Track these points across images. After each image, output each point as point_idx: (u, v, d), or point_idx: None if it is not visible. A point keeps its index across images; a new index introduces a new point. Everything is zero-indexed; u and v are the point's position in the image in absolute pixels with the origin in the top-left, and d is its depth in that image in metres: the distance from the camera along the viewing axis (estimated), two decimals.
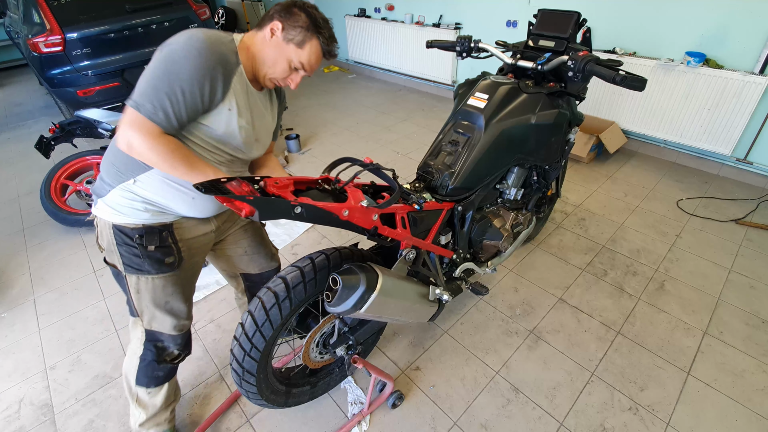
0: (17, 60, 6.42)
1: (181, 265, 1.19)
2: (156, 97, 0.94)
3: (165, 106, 0.95)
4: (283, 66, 1.09)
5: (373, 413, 1.55)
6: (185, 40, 0.96)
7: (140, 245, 1.11)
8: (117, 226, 1.11)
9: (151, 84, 0.94)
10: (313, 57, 1.10)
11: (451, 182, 1.45)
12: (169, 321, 1.25)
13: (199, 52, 0.95)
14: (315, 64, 1.12)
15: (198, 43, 0.96)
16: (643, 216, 2.60)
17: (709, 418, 1.50)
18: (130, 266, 1.14)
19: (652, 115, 3.13)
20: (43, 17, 3.33)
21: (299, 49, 1.08)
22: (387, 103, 4.60)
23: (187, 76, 0.94)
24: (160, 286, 1.18)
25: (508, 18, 3.78)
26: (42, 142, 2.71)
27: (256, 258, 1.45)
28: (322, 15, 1.11)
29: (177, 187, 1.09)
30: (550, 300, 2.02)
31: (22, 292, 2.18)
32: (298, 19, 1.06)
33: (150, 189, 1.08)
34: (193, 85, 0.95)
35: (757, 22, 2.53)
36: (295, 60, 1.09)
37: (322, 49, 1.10)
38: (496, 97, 1.51)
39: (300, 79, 1.14)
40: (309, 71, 1.12)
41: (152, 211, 1.10)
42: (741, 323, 1.86)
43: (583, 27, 1.69)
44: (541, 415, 1.53)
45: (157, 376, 1.32)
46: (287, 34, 1.07)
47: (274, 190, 1.00)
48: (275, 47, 1.08)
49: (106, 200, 1.10)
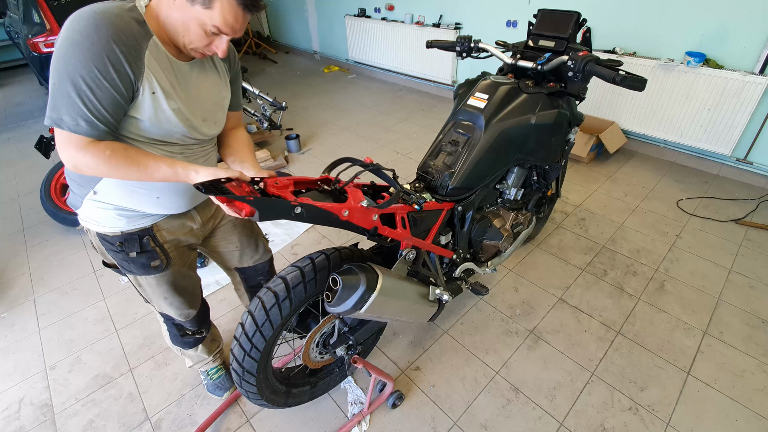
0: (17, 60, 6.42)
1: (170, 265, 1.19)
2: (68, 104, 0.82)
3: (82, 112, 0.83)
4: (197, 32, 0.89)
5: (373, 413, 1.55)
6: (67, 26, 0.81)
7: (122, 251, 1.09)
8: (100, 234, 1.10)
9: (57, 90, 0.82)
10: (228, 16, 0.87)
11: (451, 182, 1.45)
12: (173, 311, 1.30)
13: (82, 35, 0.80)
14: (235, 23, 0.89)
15: (80, 25, 0.80)
16: (643, 216, 2.60)
17: (709, 418, 1.50)
18: (124, 267, 1.16)
19: (652, 115, 3.13)
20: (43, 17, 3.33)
21: (207, 10, 0.86)
22: (387, 103, 4.60)
23: (83, 68, 0.80)
24: (155, 284, 1.21)
25: (508, 18, 3.78)
26: (42, 142, 2.71)
27: (247, 252, 1.43)
28: None
29: (135, 189, 1.03)
30: (550, 300, 2.02)
31: (22, 292, 2.18)
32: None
33: (112, 196, 1.03)
34: (94, 75, 0.81)
35: (757, 22, 2.53)
36: (208, 23, 0.87)
37: (238, 2, 0.86)
38: (496, 97, 1.51)
39: (226, 45, 0.93)
40: (230, 33, 0.91)
41: (127, 217, 1.07)
42: (741, 323, 1.86)
43: (583, 27, 1.69)
44: (541, 415, 1.53)
45: (187, 342, 1.45)
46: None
47: (274, 191, 1.00)
48: (181, 11, 0.87)
49: (81, 212, 1.08)
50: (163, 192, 1.06)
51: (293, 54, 6.77)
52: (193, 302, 1.33)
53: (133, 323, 1.96)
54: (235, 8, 0.87)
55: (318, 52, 6.31)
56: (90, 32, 0.80)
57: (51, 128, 2.71)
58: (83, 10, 0.82)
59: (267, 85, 5.34)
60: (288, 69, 5.99)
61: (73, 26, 0.81)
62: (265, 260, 1.50)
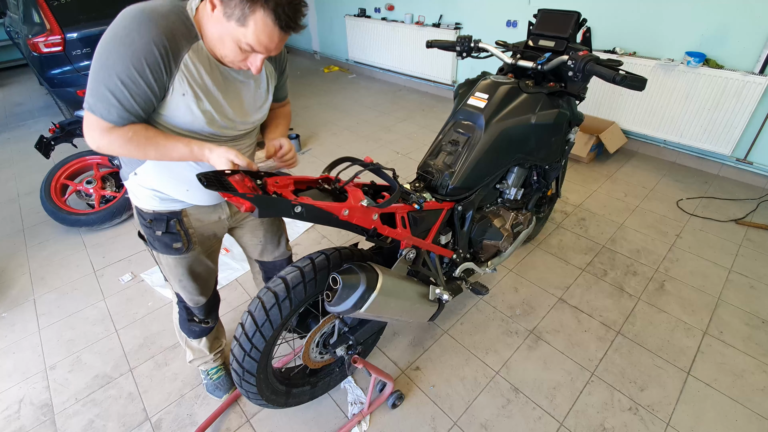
0: (17, 60, 6.42)
1: (191, 250, 1.23)
2: (102, 95, 0.86)
3: (115, 104, 0.87)
4: (231, 47, 0.89)
5: (373, 413, 1.55)
6: (117, 20, 0.84)
7: (150, 228, 1.17)
8: (137, 208, 1.18)
9: (95, 78, 0.86)
10: (262, 35, 0.85)
11: (451, 182, 1.45)
12: (185, 294, 1.34)
13: (126, 31, 0.82)
14: (269, 42, 0.87)
15: (127, 21, 0.83)
16: (643, 216, 2.60)
17: (709, 418, 1.50)
18: (150, 242, 1.22)
19: (652, 115, 3.13)
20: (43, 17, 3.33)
21: (242, 27, 0.84)
22: (387, 103, 4.60)
23: (121, 66, 0.83)
24: (173, 265, 1.25)
25: (508, 18, 3.78)
26: (42, 142, 2.71)
27: (269, 247, 1.48)
28: None
29: (168, 179, 1.08)
30: (550, 300, 2.02)
31: (22, 292, 2.18)
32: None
33: (150, 179, 1.09)
34: (131, 73, 0.84)
35: (757, 22, 2.53)
36: (242, 40, 0.86)
37: (275, 22, 0.83)
38: (496, 97, 1.51)
39: (261, 62, 0.93)
40: (264, 52, 0.90)
41: (160, 199, 1.12)
42: (741, 323, 1.86)
43: (583, 27, 1.69)
44: (541, 415, 1.53)
45: (194, 330, 1.47)
46: (225, 9, 0.84)
47: (275, 189, 1.01)
48: (218, 24, 0.87)
49: (127, 185, 1.15)
50: (191, 185, 1.10)
51: (293, 54, 6.77)
52: (204, 290, 1.37)
53: (133, 323, 1.96)
54: (271, 28, 0.84)
55: (318, 52, 6.31)
56: (133, 30, 0.82)
57: (51, 128, 2.73)
58: (134, 6, 0.85)
59: None
60: (288, 69, 5.98)
61: (121, 21, 0.84)
62: (285, 257, 1.54)
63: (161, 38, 0.84)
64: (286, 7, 0.82)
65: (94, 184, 2.66)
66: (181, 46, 0.88)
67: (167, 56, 0.86)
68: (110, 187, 2.75)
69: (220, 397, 1.60)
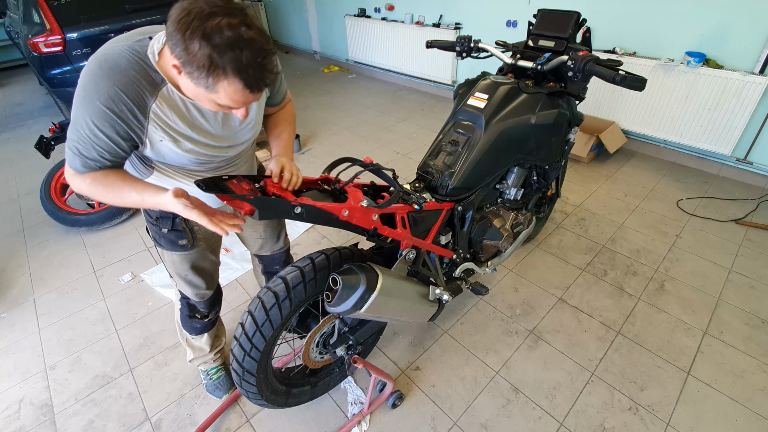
0: (17, 60, 6.42)
1: (196, 246, 1.27)
2: (69, 141, 0.88)
3: (76, 153, 0.88)
4: (209, 104, 0.86)
5: (373, 413, 1.55)
6: (83, 71, 0.85)
7: (157, 225, 1.20)
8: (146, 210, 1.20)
9: (71, 125, 0.87)
10: (235, 97, 0.80)
11: (451, 182, 1.45)
12: (189, 289, 1.37)
13: (90, 83, 0.82)
14: (245, 100, 0.82)
15: (88, 78, 0.83)
16: (643, 216, 2.60)
17: (709, 418, 1.50)
18: (155, 239, 1.25)
19: (652, 115, 3.13)
20: (43, 17, 3.33)
21: (212, 93, 0.80)
22: (387, 103, 4.60)
23: (83, 119, 0.84)
24: (178, 261, 1.29)
25: (508, 18, 3.77)
26: (42, 142, 2.71)
27: (269, 243, 1.51)
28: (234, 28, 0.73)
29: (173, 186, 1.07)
30: (550, 300, 2.02)
31: (22, 292, 2.18)
32: (194, 56, 0.73)
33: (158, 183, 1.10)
34: (91, 127, 0.84)
35: (757, 22, 2.53)
36: (217, 102, 0.83)
37: (243, 87, 0.78)
38: (496, 97, 1.51)
39: (245, 112, 0.89)
40: (243, 106, 0.86)
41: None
42: (741, 323, 1.86)
43: (582, 27, 1.69)
44: (541, 415, 1.53)
45: (195, 327, 1.50)
46: (191, 75, 0.77)
47: (274, 190, 1.01)
48: (188, 83, 0.81)
49: None
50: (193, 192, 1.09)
51: (293, 54, 6.77)
52: (210, 284, 1.40)
53: (133, 323, 1.96)
54: (241, 91, 0.79)
55: (318, 52, 6.30)
56: (92, 86, 0.83)
57: (51, 128, 2.73)
58: (95, 57, 0.85)
59: None
60: (288, 69, 5.99)
61: (85, 73, 0.84)
62: (283, 251, 1.57)
63: (119, 95, 0.83)
64: (251, 69, 0.76)
65: None
66: (145, 98, 0.86)
67: (130, 111, 0.85)
68: None
69: (220, 397, 1.60)
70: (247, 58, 0.74)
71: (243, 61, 0.74)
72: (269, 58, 0.79)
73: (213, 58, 0.73)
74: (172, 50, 0.76)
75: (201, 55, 0.73)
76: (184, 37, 0.73)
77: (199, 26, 0.72)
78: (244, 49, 0.74)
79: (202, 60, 0.74)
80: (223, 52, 0.73)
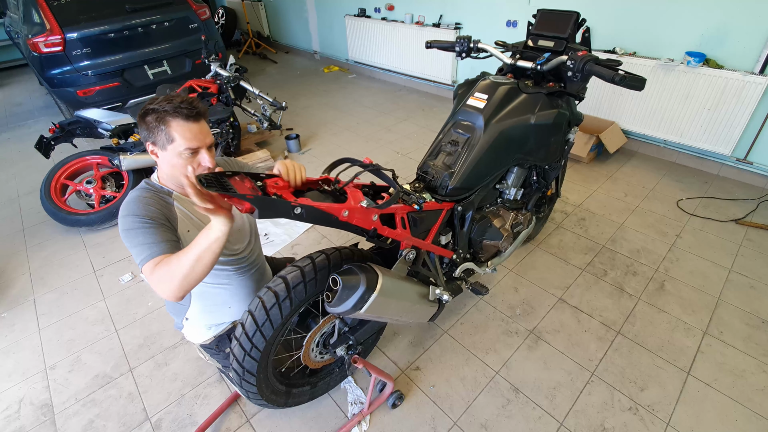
0: (17, 60, 6.42)
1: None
2: (147, 245, 1.04)
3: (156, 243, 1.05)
4: (180, 162, 1.11)
5: (373, 413, 1.55)
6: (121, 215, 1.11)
7: (220, 351, 1.41)
8: (202, 345, 1.42)
9: (133, 246, 1.05)
10: (188, 134, 1.08)
11: (450, 182, 1.45)
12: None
13: (129, 213, 1.09)
14: (195, 138, 1.10)
15: (126, 211, 1.10)
16: (643, 216, 2.60)
17: (709, 418, 1.50)
18: (225, 366, 1.40)
19: (652, 115, 3.13)
20: (43, 17, 3.33)
21: (174, 143, 1.08)
22: (387, 103, 4.60)
23: (138, 223, 1.07)
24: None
25: (508, 18, 3.77)
26: (42, 142, 2.71)
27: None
28: (163, 96, 1.11)
29: (211, 308, 1.35)
30: (550, 300, 2.02)
31: (22, 292, 2.19)
32: (149, 125, 1.08)
33: (199, 319, 1.36)
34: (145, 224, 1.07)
35: (757, 22, 2.53)
36: (180, 150, 1.08)
37: (184, 120, 1.08)
38: (496, 97, 1.51)
39: (209, 155, 1.13)
40: (201, 144, 1.11)
41: (215, 327, 1.39)
42: (741, 323, 1.86)
43: (582, 27, 1.69)
44: (541, 415, 1.53)
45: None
46: (158, 143, 1.09)
47: (275, 190, 1.00)
48: (164, 160, 1.12)
49: (184, 332, 1.43)
50: (232, 301, 1.37)
51: (293, 54, 6.77)
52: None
53: (133, 323, 1.97)
54: (184, 124, 1.08)
55: (318, 52, 6.30)
56: (131, 211, 1.10)
57: (51, 128, 2.73)
58: (129, 201, 1.13)
59: (267, 85, 5.34)
60: (288, 69, 5.99)
61: (123, 212, 1.11)
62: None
63: (149, 207, 1.11)
64: (181, 106, 1.08)
65: (94, 184, 2.66)
66: (167, 202, 1.16)
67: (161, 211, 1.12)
68: (110, 187, 2.75)
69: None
70: (177, 102, 1.08)
71: (175, 104, 1.07)
72: (195, 101, 1.12)
73: (158, 113, 1.07)
74: (143, 136, 1.12)
75: (151, 119, 1.08)
76: (141, 121, 1.09)
77: (144, 110, 1.09)
78: (173, 99, 1.09)
79: (152, 122, 1.07)
80: (162, 108, 1.07)
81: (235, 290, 1.36)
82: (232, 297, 1.36)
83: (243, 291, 1.38)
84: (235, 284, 1.36)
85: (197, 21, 3.98)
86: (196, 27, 3.98)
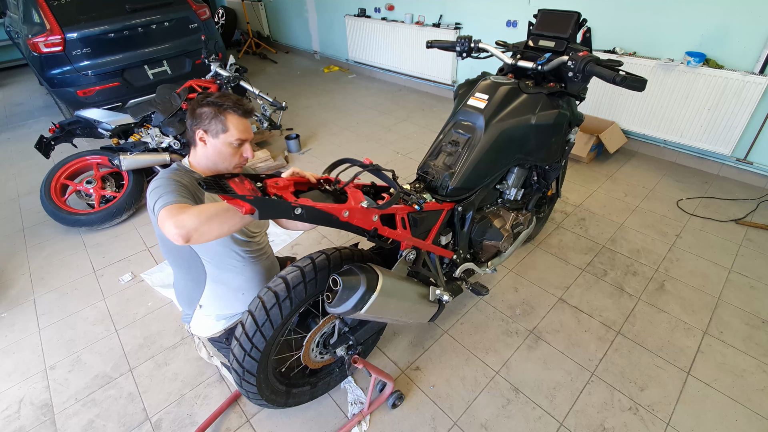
0: (17, 60, 6.42)
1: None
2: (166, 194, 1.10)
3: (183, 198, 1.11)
4: (227, 150, 1.23)
5: (373, 413, 1.55)
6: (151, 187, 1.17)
7: (228, 346, 1.37)
8: (210, 339, 1.45)
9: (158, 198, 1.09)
10: (240, 127, 1.23)
11: (451, 182, 1.45)
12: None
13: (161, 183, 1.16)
14: (245, 129, 1.24)
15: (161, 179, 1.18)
16: (643, 216, 2.60)
17: (709, 418, 1.50)
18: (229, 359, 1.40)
19: (652, 115, 3.13)
20: (43, 17, 3.33)
21: (228, 132, 1.21)
22: (387, 103, 4.60)
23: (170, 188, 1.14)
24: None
25: (508, 18, 3.77)
26: (42, 142, 2.71)
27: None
28: (218, 92, 1.26)
29: (225, 293, 1.37)
30: (550, 300, 2.02)
31: (22, 292, 2.18)
32: (206, 115, 1.21)
33: (212, 306, 1.38)
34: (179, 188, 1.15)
35: (757, 22, 2.53)
36: (231, 140, 1.22)
37: (239, 116, 1.23)
38: (496, 98, 1.51)
39: (251, 148, 1.28)
40: (247, 137, 1.25)
41: (225, 318, 1.41)
42: (741, 323, 1.86)
43: (583, 27, 1.69)
44: (541, 415, 1.53)
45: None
46: (210, 131, 1.22)
47: (275, 191, 1.00)
48: (211, 148, 1.23)
49: (192, 326, 1.43)
50: (245, 287, 1.39)
51: (293, 54, 6.77)
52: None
53: (133, 323, 1.96)
54: (239, 120, 1.23)
55: (318, 52, 6.30)
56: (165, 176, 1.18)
57: (51, 128, 2.73)
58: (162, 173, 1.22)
59: (267, 85, 5.34)
60: (288, 69, 5.98)
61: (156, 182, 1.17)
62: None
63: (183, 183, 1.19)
64: (239, 103, 1.24)
65: (94, 184, 2.66)
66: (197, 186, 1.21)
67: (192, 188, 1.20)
68: (110, 187, 2.75)
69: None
70: (231, 101, 1.23)
71: (233, 100, 1.23)
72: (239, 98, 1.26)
73: (219, 106, 1.22)
74: (195, 129, 1.23)
75: (210, 110, 1.21)
76: (195, 111, 1.22)
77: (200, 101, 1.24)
78: (230, 97, 1.24)
79: (211, 112, 1.21)
80: (222, 102, 1.22)
81: (249, 276, 1.40)
82: (246, 282, 1.40)
83: (256, 277, 1.42)
84: (249, 270, 1.40)
85: (197, 21, 3.98)
86: (196, 27, 3.98)
